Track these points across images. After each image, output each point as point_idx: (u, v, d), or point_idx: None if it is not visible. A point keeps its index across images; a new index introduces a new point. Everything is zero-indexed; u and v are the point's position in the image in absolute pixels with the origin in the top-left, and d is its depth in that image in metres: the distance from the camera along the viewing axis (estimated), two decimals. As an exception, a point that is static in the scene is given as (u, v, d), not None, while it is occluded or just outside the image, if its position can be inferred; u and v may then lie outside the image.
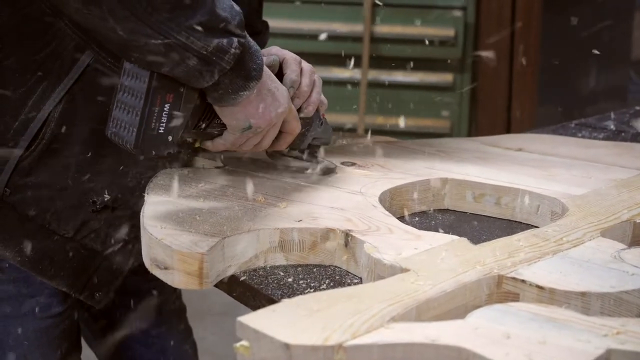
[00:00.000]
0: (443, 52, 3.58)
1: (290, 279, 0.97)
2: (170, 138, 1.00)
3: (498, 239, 0.98)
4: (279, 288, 0.95)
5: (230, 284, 0.98)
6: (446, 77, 3.61)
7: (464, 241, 0.96)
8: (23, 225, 1.13)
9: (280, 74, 1.14)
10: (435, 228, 1.12)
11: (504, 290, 0.88)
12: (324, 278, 0.98)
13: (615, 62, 4.22)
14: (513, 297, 0.88)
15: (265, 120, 1.06)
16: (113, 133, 1.01)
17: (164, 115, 0.98)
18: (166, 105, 0.98)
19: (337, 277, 0.98)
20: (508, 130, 3.64)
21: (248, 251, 0.99)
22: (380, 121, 3.66)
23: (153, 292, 1.42)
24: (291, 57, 1.15)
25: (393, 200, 1.16)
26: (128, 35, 0.92)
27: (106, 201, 1.15)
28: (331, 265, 1.01)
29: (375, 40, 3.58)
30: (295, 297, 0.80)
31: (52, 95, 1.09)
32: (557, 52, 3.89)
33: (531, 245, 0.96)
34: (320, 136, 1.21)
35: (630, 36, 4.14)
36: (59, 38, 1.07)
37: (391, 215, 1.06)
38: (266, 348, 0.73)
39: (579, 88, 4.23)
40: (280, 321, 0.75)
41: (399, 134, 3.44)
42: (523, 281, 0.87)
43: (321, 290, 0.94)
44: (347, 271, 1.00)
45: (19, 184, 1.11)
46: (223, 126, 1.07)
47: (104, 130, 1.03)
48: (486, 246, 0.95)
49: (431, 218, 1.17)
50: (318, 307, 0.78)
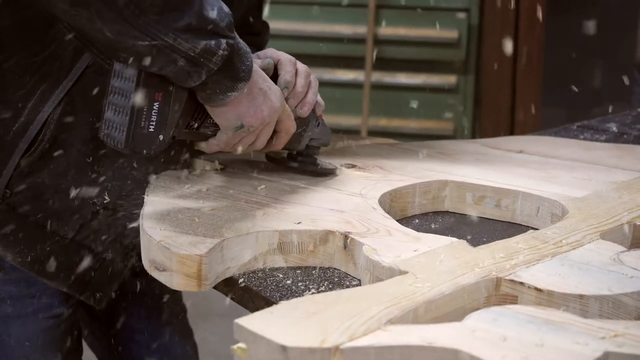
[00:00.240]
0: (447, 54, 3.58)
1: (289, 281, 0.97)
2: (161, 137, 1.00)
3: (497, 241, 0.98)
4: (278, 290, 0.95)
5: (229, 286, 0.98)
6: (450, 79, 3.61)
7: (463, 243, 0.96)
8: (23, 226, 1.13)
9: (275, 76, 1.14)
10: (434, 230, 1.12)
11: (503, 292, 0.88)
12: (323, 280, 0.98)
13: (619, 64, 4.22)
14: (511, 300, 0.87)
15: (257, 119, 1.06)
16: (105, 135, 1.02)
17: (154, 114, 0.99)
18: (155, 104, 0.99)
19: (336, 280, 0.98)
20: (511, 132, 3.63)
21: (247, 253, 0.99)
22: (383, 123, 3.66)
23: (153, 293, 1.42)
24: (286, 59, 1.15)
25: (393, 202, 1.16)
26: (115, 36, 0.92)
27: (105, 203, 1.15)
28: (330, 267, 1.01)
29: (378, 42, 3.58)
30: (292, 300, 0.80)
31: (52, 97, 1.09)
32: (561, 54, 3.89)
33: (530, 247, 0.95)
34: (317, 137, 1.21)
35: (634, 37, 4.14)
36: (58, 40, 1.07)
37: (390, 217, 1.05)
38: (263, 350, 0.73)
39: (583, 90, 4.23)
40: (277, 323, 0.75)
41: (403, 136, 3.44)
42: (521, 283, 0.87)
43: (320, 292, 0.94)
44: (346, 273, 1.00)
45: (19, 186, 1.12)
46: (216, 126, 1.08)
47: None
48: (485, 248, 0.95)
49: (431, 220, 1.17)
50: (315, 310, 0.77)
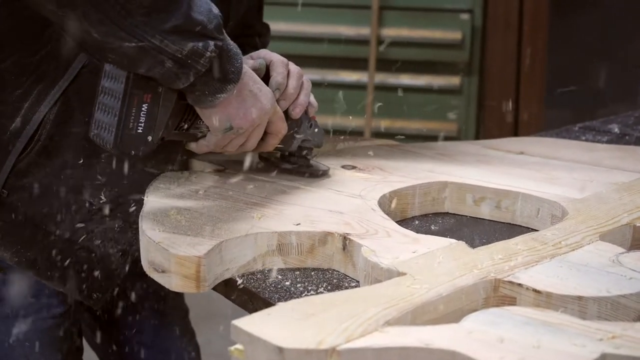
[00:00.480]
0: (450, 55, 3.57)
1: (287, 283, 0.97)
2: (149, 138, 1.01)
3: (496, 243, 0.97)
4: (277, 292, 0.95)
5: (227, 288, 0.98)
6: (453, 80, 3.61)
7: (462, 245, 0.96)
8: (20, 226, 1.14)
9: (268, 77, 1.15)
10: (434, 232, 1.12)
11: (501, 294, 0.88)
12: (322, 282, 0.98)
13: (624, 64, 4.20)
14: (510, 301, 0.87)
15: (246, 121, 1.07)
16: (95, 135, 1.02)
17: (142, 115, 0.99)
18: (144, 105, 0.99)
19: (335, 281, 0.98)
20: (515, 133, 3.63)
21: (246, 254, 0.99)
22: (387, 124, 3.66)
23: (155, 294, 1.42)
24: (278, 60, 1.16)
25: (393, 203, 1.16)
26: (102, 37, 0.92)
27: (102, 203, 1.15)
28: (329, 268, 1.01)
29: (382, 43, 3.58)
30: (290, 301, 0.80)
31: (48, 97, 1.10)
32: (565, 55, 3.88)
33: (529, 249, 0.95)
34: (310, 138, 1.21)
35: (639, 37, 4.12)
36: (54, 40, 1.07)
37: (390, 218, 1.05)
38: (260, 352, 0.73)
39: (588, 90, 4.22)
40: (274, 325, 0.75)
41: (406, 137, 3.43)
42: (520, 285, 0.87)
43: (319, 293, 0.94)
44: (345, 275, 1.00)
45: (16, 185, 1.12)
46: (206, 128, 1.08)
47: None
48: (484, 250, 0.95)
49: (431, 221, 1.17)
50: (313, 311, 0.77)
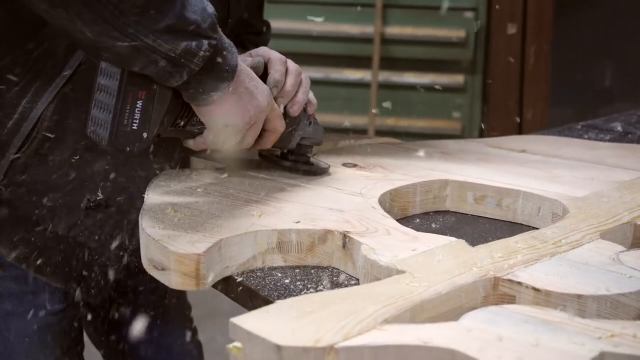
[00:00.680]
0: (454, 54, 3.57)
1: (287, 280, 0.97)
2: (145, 135, 1.01)
3: (496, 241, 0.97)
4: (276, 289, 0.95)
5: (227, 285, 0.98)
6: (457, 79, 3.60)
7: (462, 243, 0.96)
8: (18, 222, 1.14)
9: (266, 75, 1.14)
10: (435, 230, 1.12)
11: (501, 292, 0.88)
12: (322, 280, 0.98)
13: (629, 63, 4.20)
14: (509, 300, 0.87)
15: (242, 119, 1.07)
16: (92, 131, 1.03)
17: (137, 112, 1.00)
18: (138, 102, 0.99)
19: (335, 279, 0.98)
20: (520, 131, 3.62)
21: (246, 252, 0.99)
22: (391, 122, 3.66)
23: (157, 291, 1.43)
24: (276, 58, 1.16)
25: (393, 201, 1.16)
26: (96, 37, 0.92)
27: (99, 199, 1.16)
28: (329, 266, 1.01)
29: (386, 41, 3.58)
30: (288, 299, 0.80)
31: (45, 94, 1.10)
32: (569, 53, 3.87)
33: (529, 247, 0.95)
34: (309, 136, 1.21)
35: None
36: (51, 38, 1.08)
37: (390, 216, 1.05)
38: (258, 349, 0.73)
39: (593, 89, 4.21)
40: (272, 322, 0.75)
41: (410, 136, 3.43)
42: (519, 283, 0.86)
43: (318, 291, 0.94)
44: (345, 273, 1.00)
45: (14, 182, 1.12)
46: (203, 125, 1.08)
47: None
48: (484, 248, 0.95)
49: (432, 220, 1.17)
50: (311, 309, 0.77)
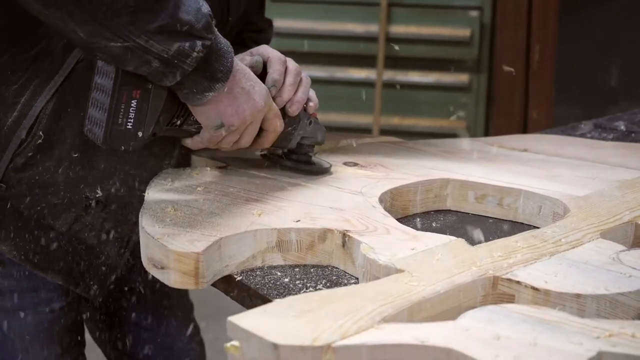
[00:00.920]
0: (459, 53, 3.57)
1: (286, 279, 0.97)
2: (140, 134, 1.02)
3: (496, 240, 0.97)
4: (275, 288, 0.95)
5: (226, 284, 0.98)
6: (462, 78, 3.60)
7: (461, 242, 0.96)
8: (18, 219, 1.15)
9: (265, 74, 1.14)
10: (436, 229, 1.12)
11: (500, 291, 0.87)
12: (321, 279, 0.98)
13: (635, 61, 4.18)
14: (508, 299, 0.87)
15: (238, 118, 1.07)
16: (88, 130, 1.04)
17: (131, 111, 1.00)
18: (133, 101, 1.00)
19: (334, 278, 0.98)
20: (524, 130, 3.62)
21: (245, 251, 0.99)
22: (395, 122, 3.65)
23: (159, 289, 1.43)
24: (275, 57, 1.15)
25: (394, 200, 1.16)
26: (88, 37, 0.93)
27: (98, 197, 1.16)
28: (329, 265, 1.01)
29: (390, 40, 3.58)
30: (287, 298, 0.80)
31: (44, 92, 1.10)
32: (575, 52, 3.86)
33: (529, 246, 0.95)
34: (309, 135, 1.21)
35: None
36: (49, 36, 1.08)
37: (390, 215, 1.05)
38: (255, 348, 0.73)
39: (598, 88, 4.20)
40: (270, 321, 0.75)
41: (415, 135, 3.43)
42: (518, 282, 0.86)
43: (317, 290, 0.94)
44: (345, 272, 0.99)
45: (14, 179, 1.13)
46: (199, 124, 1.09)
47: None
48: (483, 247, 0.95)
49: (432, 219, 1.17)
50: (309, 308, 0.77)
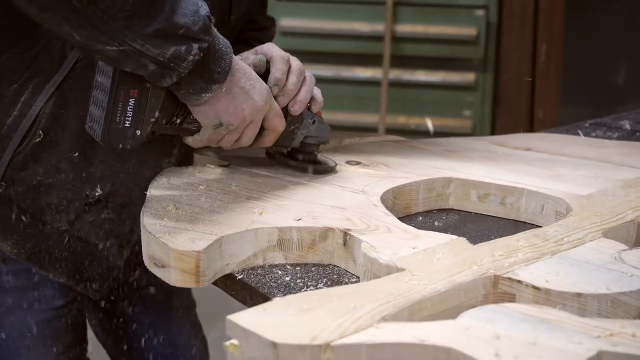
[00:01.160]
0: (465, 52, 3.56)
1: (287, 278, 0.97)
2: (138, 132, 1.02)
3: (497, 239, 0.97)
4: (276, 287, 0.94)
5: (227, 283, 0.98)
6: (468, 77, 3.59)
7: (463, 241, 0.95)
8: (19, 217, 1.15)
9: (268, 73, 1.14)
10: (438, 228, 1.12)
11: (500, 290, 0.87)
12: (322, 277, 0.98)
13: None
14: (509, 298, 0.87)
15: (237, 118, 1.07)
16: (89, 127, 1.05)
17: (129, 109, 1.01)
18: (131, 100, 1.01)
19: (335, 277, 0.98)
20: (531, 130, 3.61)
21: (246, 250, 0.99)
22: (402, 121, 3.65)
23: (161, 287, 1.43)
24: (278, 56, 1.15)
25: (396, 199, 1.16)
26: (84, 40, 0.93)
27: (99, 195, 1.16)
28: (330, 264, 1.01)
29: (396, 39, 3.57)
30: (286, 296, 0.80)
31: (43, 91, 1.11)
32: (581, 51, 3.85)
33: (530, 245, 0.94)
34: (313, 134, 1.21)
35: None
36: (48, 36, 1.08)
37: (391, 214, 1.05)
38: (254, 347, 0.73)
39: (605, 87, 4.19)
40: (269, 320, 0.75)
41: (421, 134, 3.42)
42: (519, 281, 0.86)
43: (318, 289, 0.94)
44: (346, 270, 0.99)
45: (14, 178, 1.13)
46: (199, 123, 1.09)
47: None
48: (485, 246, 0.94)
49: (435, 218, 1.16)
50: (308, 307, 0.77)
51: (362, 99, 3.63)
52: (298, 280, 0.96)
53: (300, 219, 1.02)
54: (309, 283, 0.96)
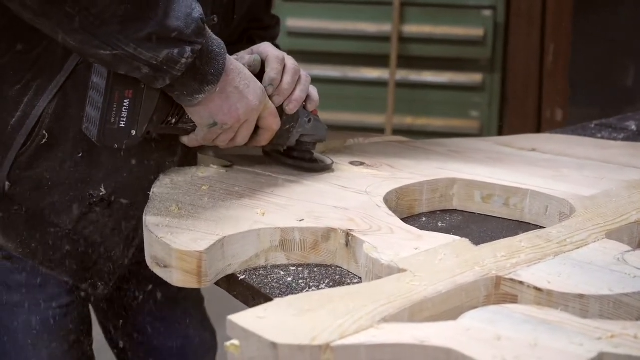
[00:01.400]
0: (472, 52, 3.55)
1: (290, 279, 0.97)
2: (133, 132, 1.04)
3: (500, 240, 0.97)
4: (278, 288, 0.94)
5: (230, 283, 0.98)
6: (475, 77, 3.59)
7: (465, 242, 0.95)
8: (24, 217, 1.16)
9: (263, 72, 1.15)
10: (441, 228, 1.11)
11: (502, 291, 0.87)
12: (324, 278, 0.97)
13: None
14: (511, 299, 0.86)
15: (231, 117, 1.07)
16: (85, 127, 1.06)
17: (124, 110, 1.02)
18: (125, 100, 1.02)
19: (337, 277, 0.98)
20: (538, 130, 3.60)
21: (249, 250, 0.99)
22: (409, 121, 3.65)
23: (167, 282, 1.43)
24: (273, 55, 1.16)
25: (400, 200, 1.15)
26: (78, 45, 0.95)
27: (102, 195, 1.17)
28: (332, 265, 1.01)
29: (403, 40, 3.57)
30: (287, 297, 0.80)
31: (46, 92, 1.11)
32: (589, 51, 3.84)
33: (533, 246, 0.94)
34: (309, 133, 1.21)
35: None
36: (50, 37, 1.08)
37: (394, 215, 1.05)
38: (254, 347, 0.73)
39: (613, 88, 4.17)
40: (269, 320, 0.75)
41: (428, 135, 3.42)
42: (521, 283, 0.86)
43: (319, 290, 0.94)
44: (349, 271, 0.99)
45: (19, 178, 1.14)
46: (194, 122, 1.09)
47: None
48: (487, 247, 0.94)
49: (438, 218, 1.16)
50: (309, 307, 0.77)
51: (369, 100, 3.63)
52: (300, 281, 0.96)
53: (302, 220, 1.02)
54: (311, 284, 0.96)
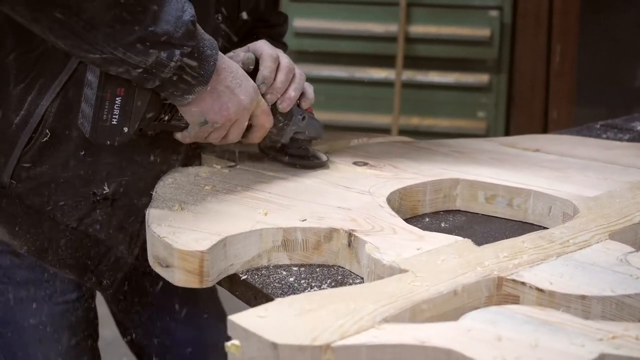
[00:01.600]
0: (479, 52, 3.54)
1: (292, 279, 0.97)
2: (125, 129, 1.05)
3: (502, 241, 0.96)
4: (280, 288, 0.94)
5: (231, 283, 0.98)
6: (482, 78, 3.58)
7: (467, 242, 0.95)
8: (29, 215, 1.17)
9: (257, 70, 1.16)
10: (444, 229, 1.11)
11: (504, 292, 0.87)
12: (326, 278, 0.97)
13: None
14: (513, 300, 0.86)
15: (221, 116, 1.08)
16: (80, 124, 1.08)
17: (116, 107, 1.04)
18: (117, 98, 1.03)
19: (340, 278, 0.98)
20: (545, 131, 3.59)
21: (251, 250, 0.99)
22: (415, 122, 3.64)
23: None
24: (267, 54, 1.16)
25: (403, 200, 1.15)
26: (69, 48, 0.96)
27: (105, 193, 1.17)
28: (335, 265, 1.01)
29: (410, 40, 3.57)
30: (288, 297, 0.80)
31: (49, 91, 1.12)
32: (596, 52, 3.83)
33: (536, 247, 0.94)
34: (303, 130, 1.22)
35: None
36: None
37: (397, 215, 1.05)
38: (255, 347, 0.73)
39: (620, 88, 4.16)
40: (270, 320, 0.75)
41: (434, 135, 3.42)
42: (523, 283, 0.85)
43: (321, 290, 0.94)
44: (351, 271, 0.99)
45: (23, 176, 1.15)
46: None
47: None
48: (489, 247, 0.94)
49: (441, 219, 1.16)
50: (310, 307, 0.77)
51: (375, 100, 3.63)
52: (302, 281, 0.96)
53: (305, 220, 1.02)
54: (313, 284, 0.96)
